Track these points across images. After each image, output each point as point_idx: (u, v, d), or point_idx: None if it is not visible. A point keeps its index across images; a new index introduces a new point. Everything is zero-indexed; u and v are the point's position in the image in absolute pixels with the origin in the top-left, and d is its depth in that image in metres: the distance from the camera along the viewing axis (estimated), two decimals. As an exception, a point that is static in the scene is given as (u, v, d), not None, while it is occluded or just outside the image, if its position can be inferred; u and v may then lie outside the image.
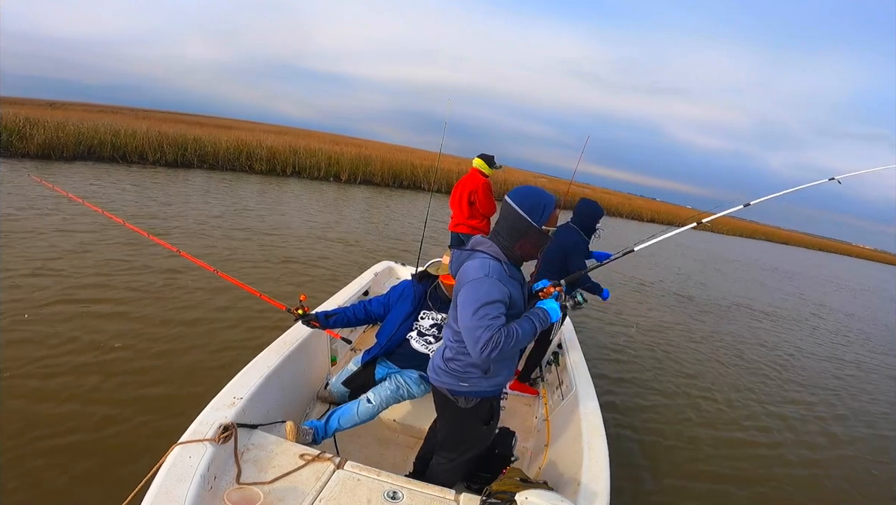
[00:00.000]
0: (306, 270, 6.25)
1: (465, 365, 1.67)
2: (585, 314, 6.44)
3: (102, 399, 2.90)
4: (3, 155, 11.27)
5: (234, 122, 36.33)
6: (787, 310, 10.41)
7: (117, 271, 4.94)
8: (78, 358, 3.30)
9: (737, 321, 8.23)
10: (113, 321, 3.88)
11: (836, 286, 18.31)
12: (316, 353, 2.67)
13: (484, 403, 1.74)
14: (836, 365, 6.86)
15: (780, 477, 3.59)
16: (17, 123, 12.00)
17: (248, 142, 16.83)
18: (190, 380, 3.25)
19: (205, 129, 19.40)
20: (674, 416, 4.18)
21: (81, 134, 12.95)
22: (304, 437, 1.99)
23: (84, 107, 30.82)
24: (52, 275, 4.59)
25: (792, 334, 8.20)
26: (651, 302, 8.27)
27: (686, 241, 20.24)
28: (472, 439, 1.85)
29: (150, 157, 14.10)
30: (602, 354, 5.26)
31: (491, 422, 1.81)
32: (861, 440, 4.46)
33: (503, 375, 1.72)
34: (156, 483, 1.43)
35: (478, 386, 1.68)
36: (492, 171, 4.54)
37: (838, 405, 5.23)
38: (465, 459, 1.87)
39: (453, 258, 1.70)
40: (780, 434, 4.27)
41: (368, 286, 3.65)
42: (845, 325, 10.28)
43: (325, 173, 17.58)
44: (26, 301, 3.98)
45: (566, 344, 3.38)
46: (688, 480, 3.29)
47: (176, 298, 4.51)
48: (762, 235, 42.68)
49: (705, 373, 5.37)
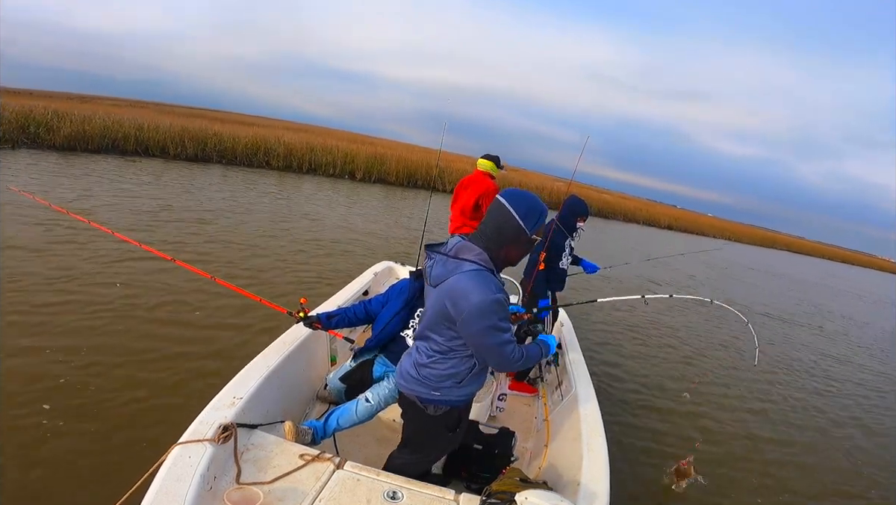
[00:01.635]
0: (306, 268, 6.28)
1: (440, 374, 1.62)
2: (585, 315, 6.35)
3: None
4: (29, 146, 11.62)
5: (255, 119, 36.82)
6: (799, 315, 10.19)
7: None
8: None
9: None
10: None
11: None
12: (315, 353, 2.69)
13: (452, 413, 1.71)
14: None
15: (781, 467, 3.63)
16: (45, 116, 12.37)
17: (266, 138, 17.07)
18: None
19: (226, 125, 19.72)
20: (673, 414, 4.18)
21: (107, 128, 13.30)
22: (303, 437, 2.00)
23: (113, 101, 31.57)
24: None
25: (794, 332, 8.02)
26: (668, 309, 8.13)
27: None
28: (436, 446, 1.83)
29: (171, 151, 14.41)
30: (601, 354, 5.24)
31: (457, 429, 1.77)
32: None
33: (476, 385, 1.70)
34: (155, 483, 1.43)
35: (449, 395, 1.65)
36: (498, 172, 4.48)
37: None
38: (427, 461, 1.86)
39: (436, 262, 1.54)
40: (787, 432, 4.29)
41: (368, 286, 3.66)
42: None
43: (340, 171, 17.72)
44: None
45: (566, 344, 3.39)
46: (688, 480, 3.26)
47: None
48: (783, 245, 41.74)
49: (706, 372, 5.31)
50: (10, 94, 19.57)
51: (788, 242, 45.48)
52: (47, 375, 2.98)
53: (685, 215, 36.76)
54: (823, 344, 8.60)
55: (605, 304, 4.55)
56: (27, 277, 4.31)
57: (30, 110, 12.26)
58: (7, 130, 11.39)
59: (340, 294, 3.31)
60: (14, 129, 11.54)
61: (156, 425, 2.69)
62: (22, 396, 2.74)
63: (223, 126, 18.60)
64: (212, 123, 18.62)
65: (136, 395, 2.97)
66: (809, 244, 55.30)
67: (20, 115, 11.86)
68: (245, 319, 4.24)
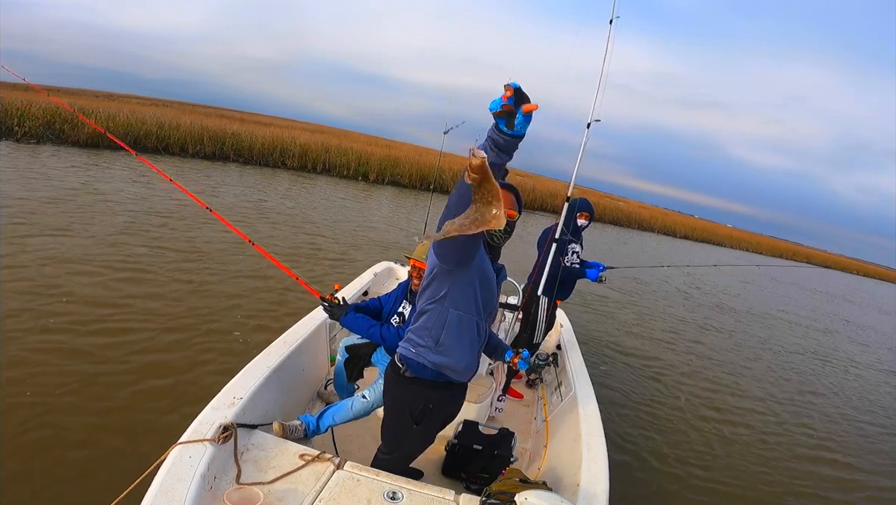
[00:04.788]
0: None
1: (420, 335, 1.62)
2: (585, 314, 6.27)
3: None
4: (54, 142, 11.97)
5: (274, 119, 37.33)
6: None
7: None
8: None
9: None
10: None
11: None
12: (315, 353, 2.69)
13: (418, 389, 1.65)
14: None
15: (782, 471, 3.62)
16: (71, 113, 12.72)
17: (282, 139, 17.32)
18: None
19: (245, 125, 20.08)
20: (675, 416, 4.18)
21: (130, 125, 13.65)
22: (292, 432, 1.99)
23: (139, 100, 32.36)
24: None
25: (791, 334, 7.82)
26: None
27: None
28: (399, 434, 1.76)
29: (190, 149, 14.70)
30: (602, 354, 5.22)
31: (422, 423, 1.69)
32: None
33: (452, 358, 1.62)
34: (155, 483, 1.43)
35: (424, 357, 1.62)
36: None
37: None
38: (391, 459, 1.79)
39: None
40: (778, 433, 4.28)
41: (368, 286, 3.67)
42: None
43: (353, 172, 17.87)
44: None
45: (565, 345, 3.37)
46: (689, 479, 3.29)
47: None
48: (804, 258, 40.78)
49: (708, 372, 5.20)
50: (34, 91, 20.18)
51: (809, 255, 44.42)
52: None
53: (702, 225, 36.22)
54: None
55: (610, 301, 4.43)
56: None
57: (56, 107, 12.63)
58: (33, 127, 11.76)
59: (340, 294, 3.31)
60: (40, 126, 11.91)
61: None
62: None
63: (242, 126, 18.95)
64: (231, 123, 18.98)
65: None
66: (833, 257, 53.91)
67: (47, 111, 12.23)
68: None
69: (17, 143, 11.19)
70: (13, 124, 11.55)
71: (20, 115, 11.76)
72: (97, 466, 2.34)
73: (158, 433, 2.59)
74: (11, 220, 5.51)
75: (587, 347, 4.70)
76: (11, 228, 5.24)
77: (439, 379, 1.65)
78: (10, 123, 11.54)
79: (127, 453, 2.44)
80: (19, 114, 11.77)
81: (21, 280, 4.09)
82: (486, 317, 1.66)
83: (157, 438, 2.51)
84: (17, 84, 16.28)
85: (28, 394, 2.75)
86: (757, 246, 35.80)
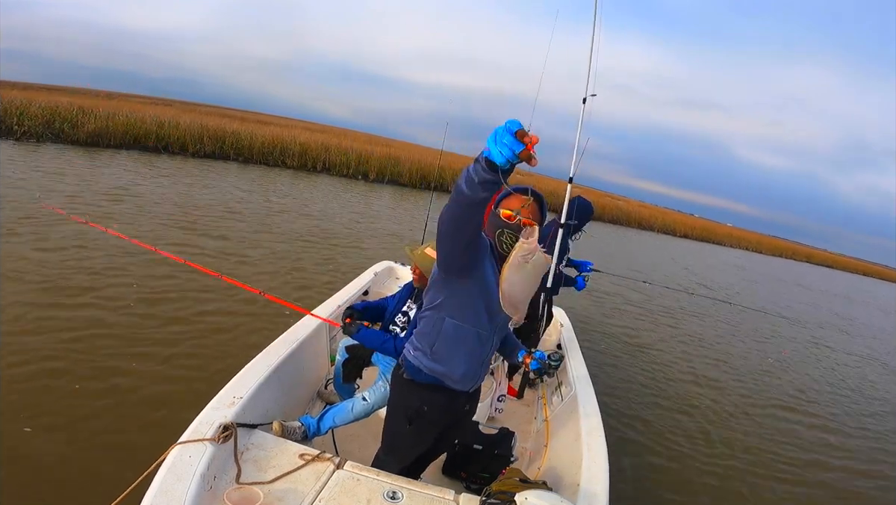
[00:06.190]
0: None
1: (419, 338, 1.63)
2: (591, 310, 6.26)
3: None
4: (54, 141, 11.94)
5: (274, 119, 37.14)
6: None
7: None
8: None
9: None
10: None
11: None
12: (316, 353, 2.69)
13: (413, 390, 1.64)
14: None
15: (783, 471, 3.60)
16: (71, 112, 12.70)
17: (282, 138, 17.28)
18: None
19: (246, 124, 20.00)
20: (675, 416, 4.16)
21: (130, 124, 13.62)
22: (291, 434, 1.99)
23: (142, 99, 32.13)
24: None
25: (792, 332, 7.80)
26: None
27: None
28: (395, 434, 1.75)
29: (190, 148, 14.67)
30: (602, 356, 5.21)
31: (415, 424, 1.68)
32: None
33: (446, 366, 1.60)
34: (155, 483, 1.43)
35: (419, 361, 1.62)
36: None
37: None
38: (394, 460, 1.78)
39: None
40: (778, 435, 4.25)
41: (368, 286, 3.66)
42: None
43: (353, 171, 17.83)
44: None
45: (566, 345, 3.37)
46: (688, 480, 3.29)
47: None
48: (804, 257, 40.68)
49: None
50: (36, 90, 20.15)
51: (809, 254, 44.29)
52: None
53: (702, 224, 36.13)
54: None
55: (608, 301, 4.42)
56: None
57: (55, 106, 12.61)
58: (32, 126, 11.73)
59: (341, 294, 3.31)
60: (39, 125, 11.89)
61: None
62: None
63: (242, 125, 18.89)
64: (232, 122, 18.92)
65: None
66: (833, 256, 53.74)
67: (47, 110, 12.20)
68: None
69: (17, 143, 11.17)
70: (13, 123, 11.54)
71: (19, 114, 11.73)
72: (97, 466, 2.34)
73: (158, 433, 2.59)
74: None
75: (587, 347, 4.70)
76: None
77: (435, 383, 1.63)
78: (10, 122, 11.52)
79: (127, 453, 2.43)
80: (18, 112, 11.75)
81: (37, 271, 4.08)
82: (496, 327, 1.62)
83: (156, 437, 2.51)
84: (17, 83, 16.12)
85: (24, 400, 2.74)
86: (757, 245, 35.68)
